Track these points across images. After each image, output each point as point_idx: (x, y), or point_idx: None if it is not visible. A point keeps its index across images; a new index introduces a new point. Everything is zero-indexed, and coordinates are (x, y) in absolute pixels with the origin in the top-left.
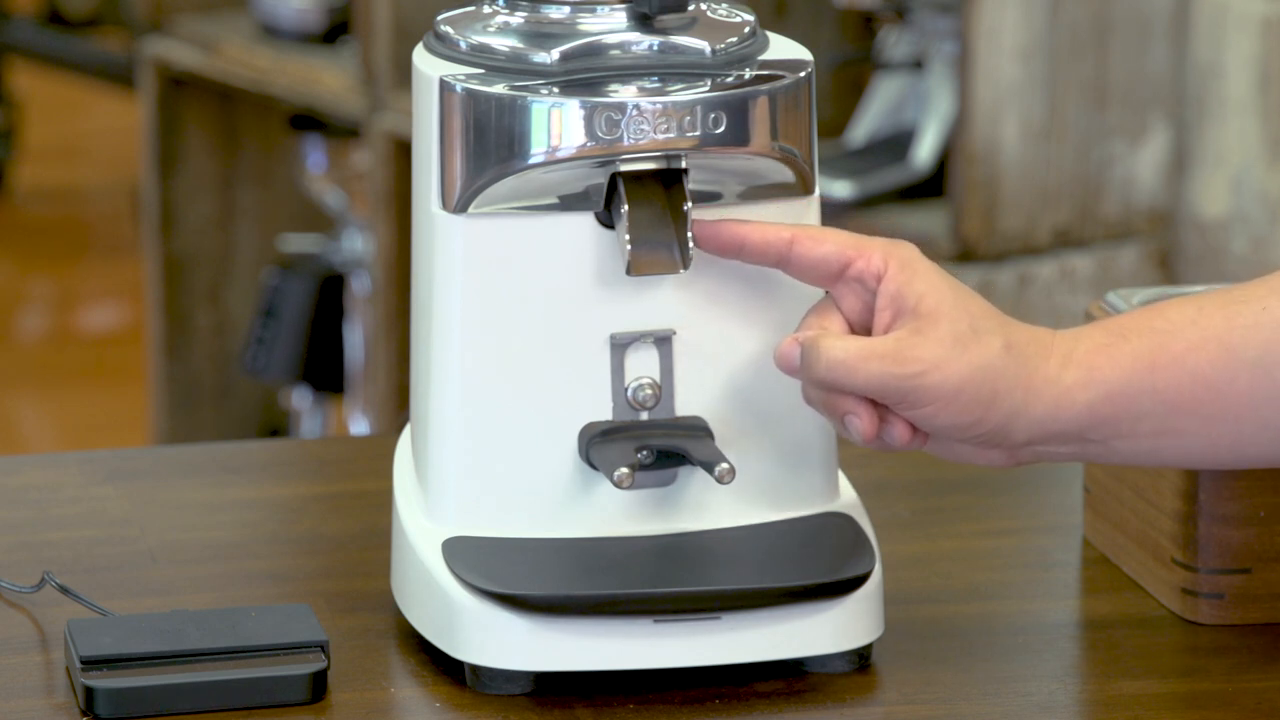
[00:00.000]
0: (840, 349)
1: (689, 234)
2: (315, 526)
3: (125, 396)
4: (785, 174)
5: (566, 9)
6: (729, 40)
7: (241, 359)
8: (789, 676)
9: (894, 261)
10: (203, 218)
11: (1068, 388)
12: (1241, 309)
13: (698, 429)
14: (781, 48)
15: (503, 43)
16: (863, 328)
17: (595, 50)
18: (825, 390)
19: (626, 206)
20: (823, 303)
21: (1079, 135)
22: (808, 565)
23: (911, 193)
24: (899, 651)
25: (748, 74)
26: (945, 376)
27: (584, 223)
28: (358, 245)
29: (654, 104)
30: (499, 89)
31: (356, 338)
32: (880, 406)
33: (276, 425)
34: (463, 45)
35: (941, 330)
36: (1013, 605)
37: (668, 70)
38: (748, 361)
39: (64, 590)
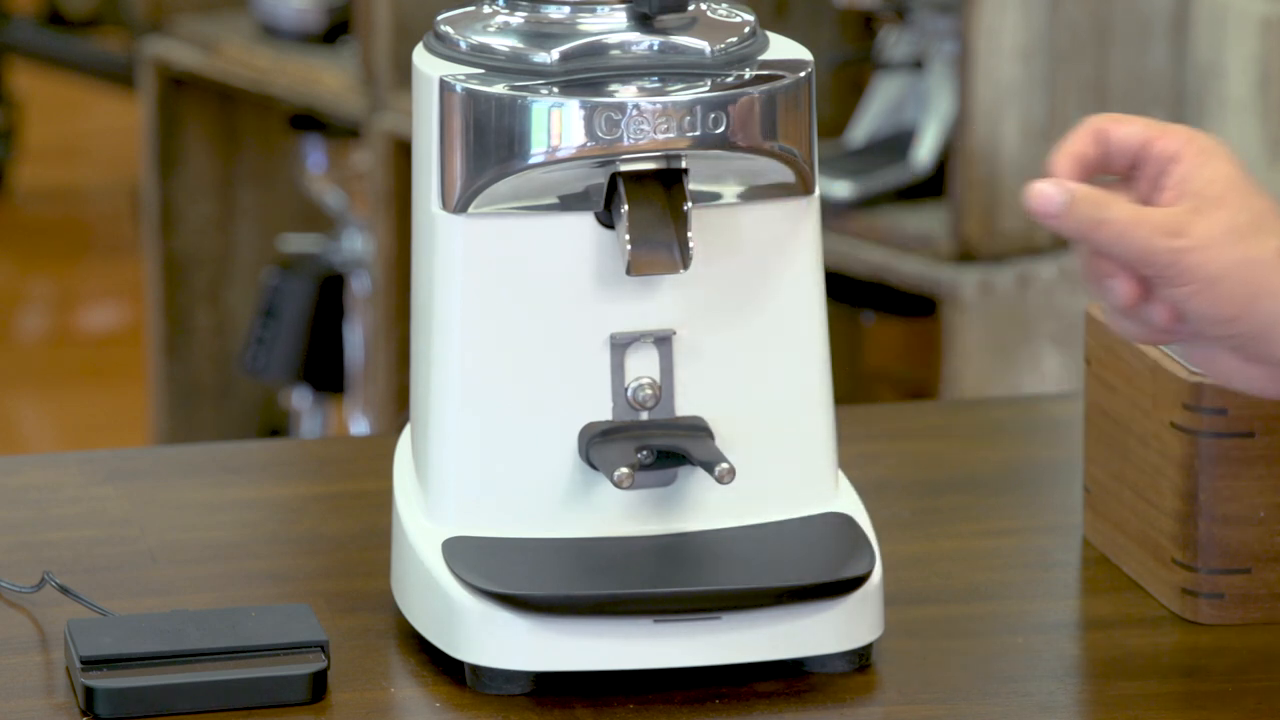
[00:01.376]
0: (1116, 209)
1: (689, 234)
2: (315, 526)
3: (125, 396)
4: (785, 174)
5: (566, 9)
6: (729, 40)
7: (241, 359)
8: (789, 676)
9: (1192, 146)
10: (203, 218)
11: None
12: None
13: (698, 429)
14: (781, 48)
15: (503, 43)
16: None
17: (595, 50)
18: (1091, 251)
19: (626, 206)
20: (1106, 185)
21: None
22: (808, 565)
23: (911, 193)
24: (899, 651)
25: (748, 74)
26: (1209, 258)
27: (584, 223)
28: (358, 245)
29: (654, 104)
30: (499, 89)
31: (356, 338)
32: (1145, 284)
33: (276, 425)
34: (463, 45)
35: (1220, 215)
36: (1013, 605)
37: (668, 70)
38: (748, 361)
39: (64, 590)
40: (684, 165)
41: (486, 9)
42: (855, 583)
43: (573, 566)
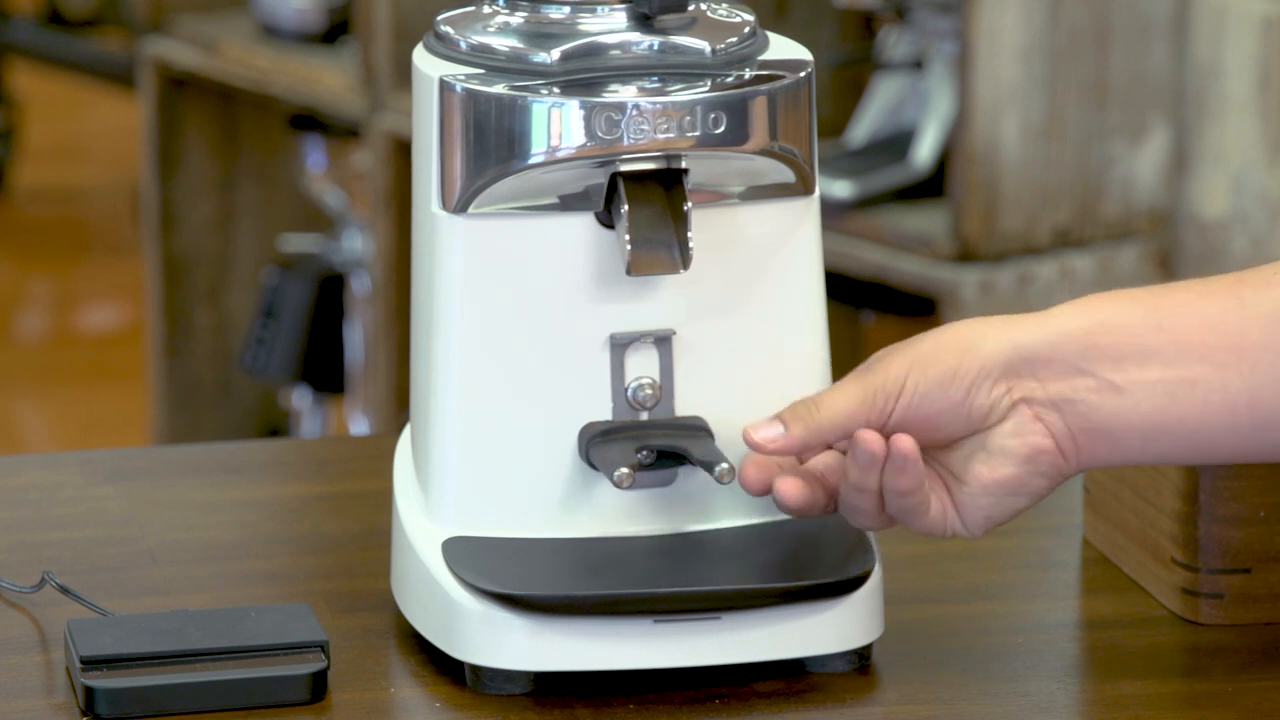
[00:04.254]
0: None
1: (689, 234)
2: (315, 526)
3: (125, 396)
4: (785, 174)
5: (566, 9)
6: (729, 40)
7: (241, 359)
8: (789, 676)
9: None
10: (203, 218)
11: (1055, 314)
12: (1248, 275)
13: (698, 429)
14: (781, 48)
15: (503, 43)
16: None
17: (595, 50)
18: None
19: (626, 206)
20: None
21: (1079, 135)
22: (808, 565)
23: (911, 193)
24: (899, 651)
25: (748, 74)
26: (903, 347)
27: (584, 223)
28: (358, 245)
29: (654, 104)
30: (499, 89)
31: (356, 338)
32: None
33: (276, 425)
34: (463, 45)
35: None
36: (1013, 605)
37: (668, 70)
38: (748, 361)
39: (64, 590)
40: (684, 165)
41: (486, 9)
42: (855, 583)
43: (573, 566)
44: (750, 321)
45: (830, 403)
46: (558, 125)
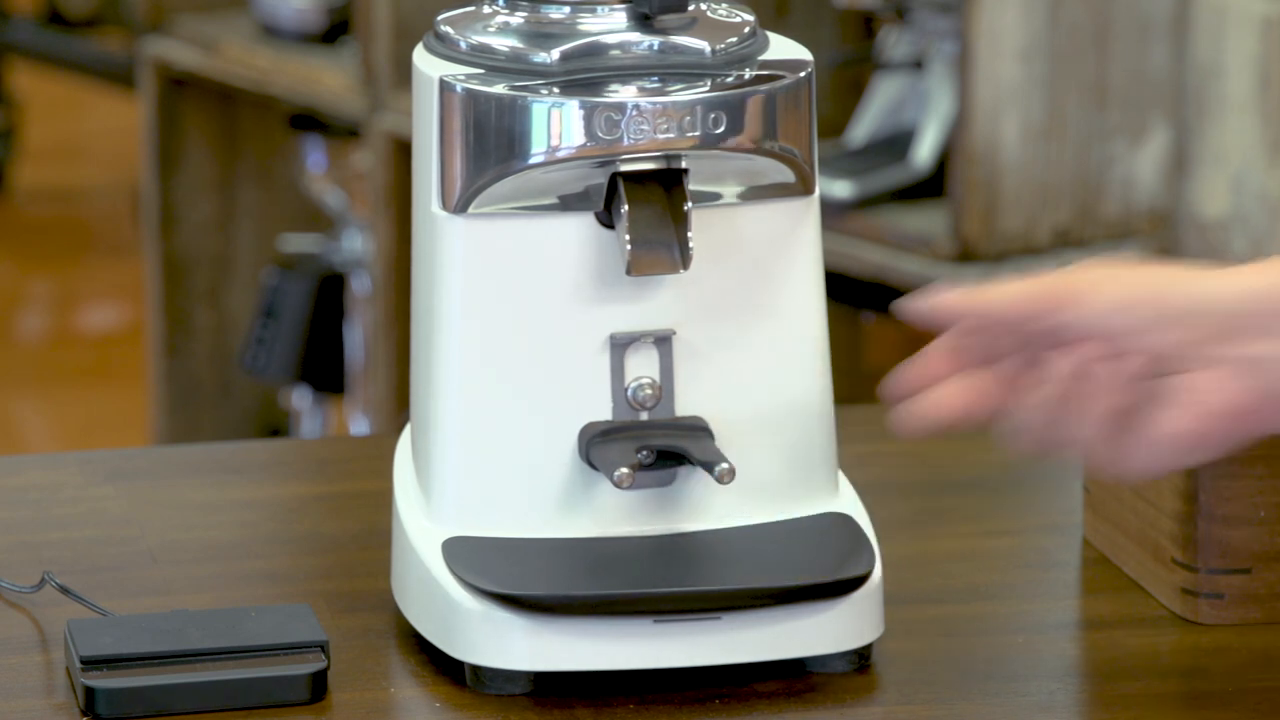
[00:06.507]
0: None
1: (689, 234)
2: (315, 526)
3: (125, 396)
4: (785, 174)
5: (566, 9)
6: (729, 40)
7: (241, 359)
8: (789, 676)
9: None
10: (203, 218)
11: (1239, 271)
12: None
13: (698, 429)
14: (781, 48)
15: (503, 43)
16: None
17: (595, 50)
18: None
19: (626, 206)
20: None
21: (1079, 135)
22: (808, 565)
23: (911, 193)
24: (899, 651)
25: (748, 74)
26: (1096, 271)
27: (584, 223)
28: (358, 245)
29: (654, 104)
30: (499, 89)
31: (356, 338)
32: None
33: (276, 425)
34: (463, 45)
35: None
36: (1013, 605)
37: (668, 70)
38: (748, 361)
39: (64, 590)
40: (684, 165)
41: (486, 9)
42: (855, 583)
43: (573, 566)
44: (750, 321)
45: (999, 288)
46: (558, 125)
